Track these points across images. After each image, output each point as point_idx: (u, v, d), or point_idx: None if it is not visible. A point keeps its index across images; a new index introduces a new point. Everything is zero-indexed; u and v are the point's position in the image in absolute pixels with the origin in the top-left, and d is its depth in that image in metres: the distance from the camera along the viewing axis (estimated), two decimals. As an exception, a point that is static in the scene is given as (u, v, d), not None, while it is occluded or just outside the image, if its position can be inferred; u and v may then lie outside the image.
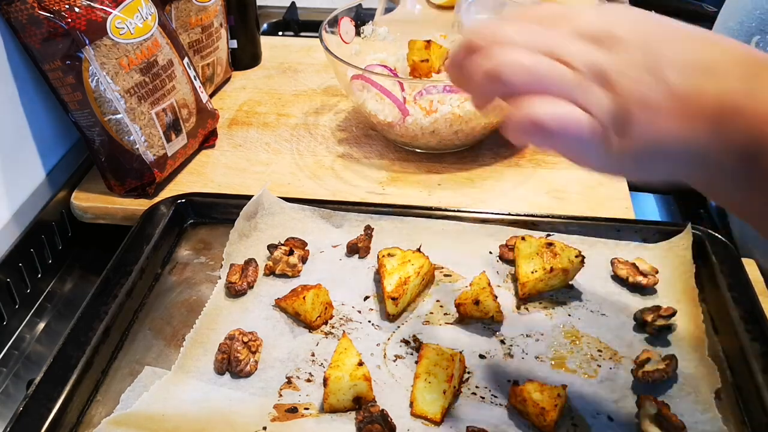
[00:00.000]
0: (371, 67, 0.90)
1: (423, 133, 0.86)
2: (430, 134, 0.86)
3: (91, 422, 0.57)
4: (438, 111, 0.84)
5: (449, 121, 0.84)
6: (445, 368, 0.58)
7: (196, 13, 0.97)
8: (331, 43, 0.90)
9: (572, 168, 0.89)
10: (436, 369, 0.58)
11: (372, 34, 1.02)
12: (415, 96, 0.85)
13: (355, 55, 0.97)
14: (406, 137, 0.88)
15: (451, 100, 0.84)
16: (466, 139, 0.88)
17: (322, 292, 0.66)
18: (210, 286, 0.70)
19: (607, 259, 0.72)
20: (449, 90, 0.83)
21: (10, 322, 0.76)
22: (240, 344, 0.61)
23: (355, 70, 0.85)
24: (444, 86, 0.83)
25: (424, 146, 0.89)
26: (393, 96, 0.84)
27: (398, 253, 0.69)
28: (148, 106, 0.81)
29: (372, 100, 0.88)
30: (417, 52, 0.91)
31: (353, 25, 0.98)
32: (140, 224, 0.75)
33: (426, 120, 0.84)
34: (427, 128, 0.85)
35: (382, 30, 1.02)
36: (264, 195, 0.77)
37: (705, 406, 0.57)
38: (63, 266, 0.85)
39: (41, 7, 0.73)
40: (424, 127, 0.85)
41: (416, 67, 0.91)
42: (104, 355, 0.62)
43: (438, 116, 0.84)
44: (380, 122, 0.87)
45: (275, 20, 1.49)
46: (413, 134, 0.86)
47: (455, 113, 0.83)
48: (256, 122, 1.00)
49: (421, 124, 0.85)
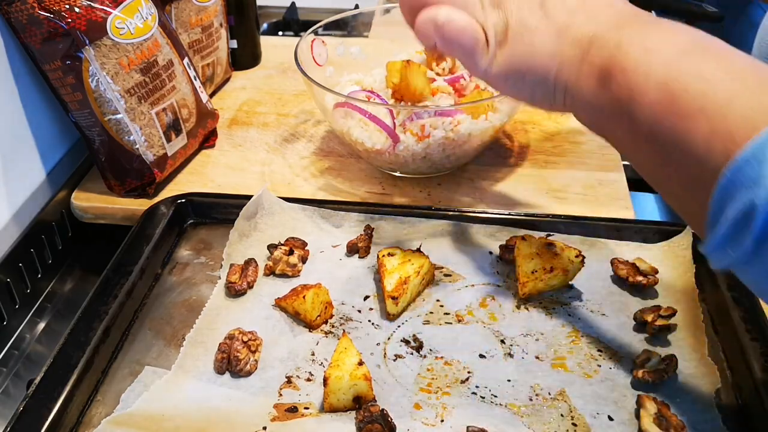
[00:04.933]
0: (354, 93, 0.85)
1: (414, 159, 0.81)
2: (422, 160, 0.82)
3: (91, 422, 0.57)
4: (432, 136, 0.79)
5: (442, 146, 0.80)
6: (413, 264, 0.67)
7: (196, 13, 0.97)
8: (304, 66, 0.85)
9: (572, 168, 0.89)
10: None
11: (344, 54, 0.97)
12: (405, 121, 0.80)
13: (330, 78, 0.93)
14: (396, 164, 0.84)
15: (444, 124, 0.79)
16: (458, 162, 0.85)
17: (322, 291, 0.66)
18: (210, 286, 0.70)
19: (607, 259, 0.72)
20: (440, 113, 0.79)
21: (10, 322, 0.76)
22: (240, 344, 0.61)
23: (342, 98, 0.81)
24: (435, 110, 0.79)
25: (414, 171, 0.85)
26: (382, 123, 0.80)
27: (398, 253, 0.69)
28: (148, 106, 0.81)
29: (357, 128, 0.82)
30: (396, 73, 0.84)
31: (325, 47, 0.94)
32: (140, 224, 0.75)
33: (418, 146, 0.80)
34: (419, 154, 0.81)
35: (354, 49, 0.99)
36: (264, 195, 0.77)
37: (705, 406, 0.57)
38: (63, 266, 0.85)
39: (41, 8, 0.73)
40: (416, 153, 0.80)
41: (397, 88, 0.85)
42: (104, 355, 0.62)
43: (431, 141, 0.79)
44: (367, 150, 0.82)
45: (275, 20, 1.49)
46: (404, 161, 0.82)
47: (449, 137, 0.79)
48: (256, 122, 1.00)
49: (412, 150, 0.80)
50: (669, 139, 0.43)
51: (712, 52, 0.44)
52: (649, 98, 0.44)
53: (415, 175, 0.86)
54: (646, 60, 0.45)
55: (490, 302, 0.68)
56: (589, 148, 0.92)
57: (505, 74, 0.55)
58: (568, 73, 0.51)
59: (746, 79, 0.41)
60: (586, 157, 0.90)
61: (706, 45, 0.45)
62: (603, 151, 0.91)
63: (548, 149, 0.92)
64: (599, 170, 0.88)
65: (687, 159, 0.42)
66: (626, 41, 0.47)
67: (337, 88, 0.91)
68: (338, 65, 0.96)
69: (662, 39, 0.46)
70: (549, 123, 0.97)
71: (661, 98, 0.43)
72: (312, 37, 0.92)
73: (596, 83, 0.49)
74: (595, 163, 0.89)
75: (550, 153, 0.92)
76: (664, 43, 0.46)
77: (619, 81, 0.47)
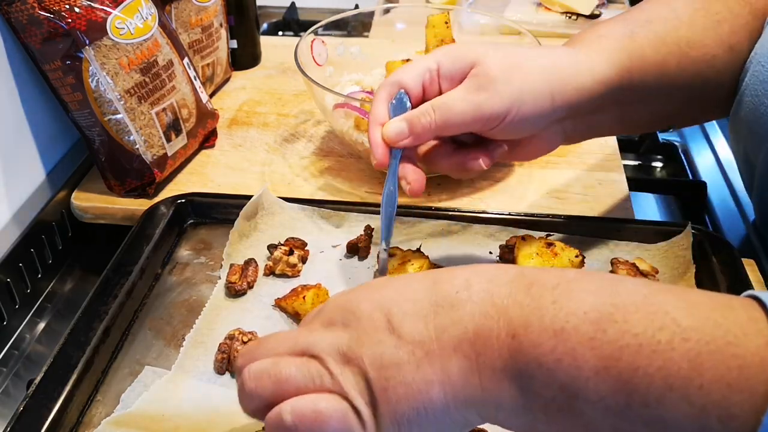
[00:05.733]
0: (354, 93, 0.86)
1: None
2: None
3: (91, 422, 0.57)
4: None
5: None
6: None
7: (196, 13, 0.97)
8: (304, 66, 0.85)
9: (572, 168, 0.89)
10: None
11: (344, 54, 0.98)
12: None
13: (330, 78, 0.94)
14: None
15: None
16: None
17: (322, 291, 0.66)
18: (210, 286, 0.70)
19: (607, 259, 0.72)
20: None
21: (10, 322, 0.76)
22: (240, 344, 0.61)
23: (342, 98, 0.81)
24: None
25: None
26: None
27: (398, 253, 0.69)
28: (148, 106, 0.81)
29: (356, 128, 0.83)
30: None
31: (325, 47, 0.94)
32: (140, 224, 0.75)
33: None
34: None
35: (354, 49, 0.99)
36: (264, 195, 0.77)
37: (705, 406, 0.57)
38: (63, 266, 0.85)
39: (41, 8, 0.73)
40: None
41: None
42: (104, 355, 0.62)
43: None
44: (367, 149, 0.82)
45: (275, 20, 1.49)
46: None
47: None
48: (256, 122, 1.00)
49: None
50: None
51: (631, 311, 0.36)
52: (595, 394, 0.35)
53: None
54: (564, 348, 0.36)
55: (490, 302, 0.68)
56: (589, 148, 0.92)
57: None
58: (468, 394, 0.39)
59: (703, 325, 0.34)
60: (586, 157, 0.90)
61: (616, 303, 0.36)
62: (603, 151, 0.91)
63: (548, 149, 0.92)
64: (599, 170, 0.88)
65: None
66: (522, 324, 0.37)
67: (337, 88, 0.91)
68: (338, 65, 0.96)
69: (567, 310, 0.37)
70: (549, 123, 0.97)
71: (609, 388, 0.35)
72: (312, 37, 0.92)
73: (514, 390, 0.38)
74: (595, 163, 0.89)
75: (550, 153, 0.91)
76: (574, 315, 0.36)
77: (541, 379, 0.36)
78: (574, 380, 0.35)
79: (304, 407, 0.40)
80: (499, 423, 0.40)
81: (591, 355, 0.35)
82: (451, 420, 0.40)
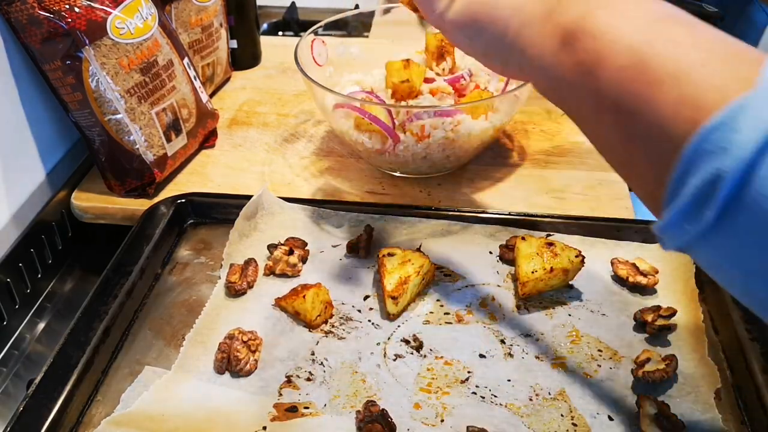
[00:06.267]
0: (354, 93, 0.86)
1: (414, 159, 0.82)
2: (422, 160, 0.82)
3: (91, 422, 0.57)
4: (432, 136, 0.79)
5: (442, 146, 0.80)
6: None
7: (196, 13, 0.97)
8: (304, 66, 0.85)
9: (572, 168, 0.89)
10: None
11: (344, 54, 0.97)
12: (405, 121, 0.80)
13: (330, 78, 0.93)
14: (396, 164, 0.84)
15: (444, 124, 0.79)
16: (458, 162, 0.85)
17: (322, 291, 0.66)
18: (210, 286, 0.70)
19: (607, 259, 0.72)
20: (440, 113, 0.79)
21: (10, 322, 0.76)
22: (240, 343, 0.61)
23: (342, 98, 0.81)
24: (435, 110, 0.79)
25: (414, 171, 0.85)
26: (382, 123, 0.79)
27: (398, 253, 0.69)
28: (148, 106, 0.81)
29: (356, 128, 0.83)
30: (396, 73, 0.85)
31: (325, 47, 0.94)
32: (140, 224, 0.75)
33: (418, 146, 0.80)
34: (419, 154, 0.81)
35: (354, 49, 0.99)
36: (264, 195, 0.77)
37: (705, 406, 0.57)
38: (63, 266, 0.85)
39: (41, 7, 0.73)
40: (416, 153, 0.81)
41: (397, 89, 0.85)
42: (104, 355, 0.62)
43: (431, 141, 0.79)
44: (367, 150, 0.82)
45: (275, 20, 1.49)
46: (404, 161, 0.82)
47: (449, 137, 0.79)
48: (256, 122, 1.00)
49: (412, 150, 0.80)
50: (635, 108, 0.41)
51: (684, 23, 0.42)
52: (617, 63, 0.42)
53: (415, 175, 0.86)
54: (616, 24, 0.43)
55: (490, 302, 0.68)
56: (589, 147, 0.91)
57: (461, 23, 0.51)
58: (529, 33, 0.47)
59: (718, 50, 0.39)
60: (586, 157, 0.90)
61: (678, 16, 0.43)
62: (603, 151, 0.91)
63: (548, 149, 0.92)
64: (599, 170, 0.88)
65: (652, 131, 0.40)
66: (595, 4, 0.45)
67: (337, 88, 0.91)
68: (338, 65, 0.96)
69: (634, 5, 0.44)
70: (549, 123, 0.97)
71: (630, 63, 0.41)
72: (312, 37, 0.92)
73: (559, 45, 0.45)
74: (595, 163, 0.89)
75: (550, 153, 0.92)
76: (636, 10, 0.43)
77: (585, 44, 0.44)
78: (607, 50, 0.42)
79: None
80: (529, 73, 0.49)
81: (633, 35, 0.41)
82: (496, 46, 0.50)
